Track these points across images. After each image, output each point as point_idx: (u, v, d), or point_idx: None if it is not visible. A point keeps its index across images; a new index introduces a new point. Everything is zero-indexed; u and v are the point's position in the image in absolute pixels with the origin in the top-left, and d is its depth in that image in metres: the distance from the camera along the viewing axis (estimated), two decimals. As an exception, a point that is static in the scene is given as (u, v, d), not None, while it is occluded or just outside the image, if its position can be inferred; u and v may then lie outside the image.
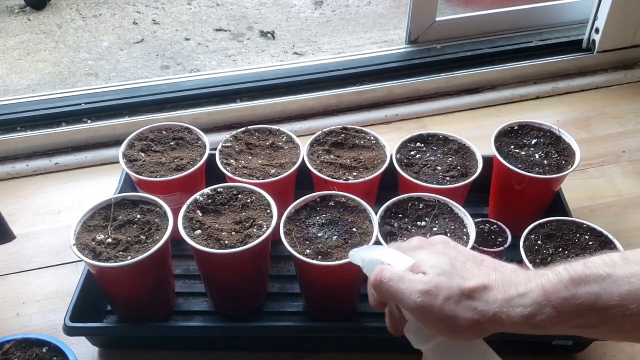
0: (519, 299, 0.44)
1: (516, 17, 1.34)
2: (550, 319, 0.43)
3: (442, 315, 0.45)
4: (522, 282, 0.45)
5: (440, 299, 0.46)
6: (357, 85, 1.23)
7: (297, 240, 0.73)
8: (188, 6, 2.40)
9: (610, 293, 0.42)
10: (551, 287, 0.44)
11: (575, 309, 0.43)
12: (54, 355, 0.68)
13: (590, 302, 0.42)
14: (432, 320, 0.46)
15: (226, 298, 0.80)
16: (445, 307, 0.45)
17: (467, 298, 0.45)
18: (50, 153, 1.12)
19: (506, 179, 0.87)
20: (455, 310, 0.45)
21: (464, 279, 0.47)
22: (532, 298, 0.44)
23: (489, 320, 0.44)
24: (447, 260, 0.49)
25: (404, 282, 0.48)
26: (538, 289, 0.44)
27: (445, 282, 0.46)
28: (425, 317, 0.47)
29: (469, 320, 0.45)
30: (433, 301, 0.46)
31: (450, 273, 0.47)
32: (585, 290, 0.42)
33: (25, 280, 0.90)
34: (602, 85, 1.29)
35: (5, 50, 2.14)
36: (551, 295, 0.43)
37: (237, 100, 1.19)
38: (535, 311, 0.43)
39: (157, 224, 0.75)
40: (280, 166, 0.85)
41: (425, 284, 0.47)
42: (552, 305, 0.43)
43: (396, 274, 0.49)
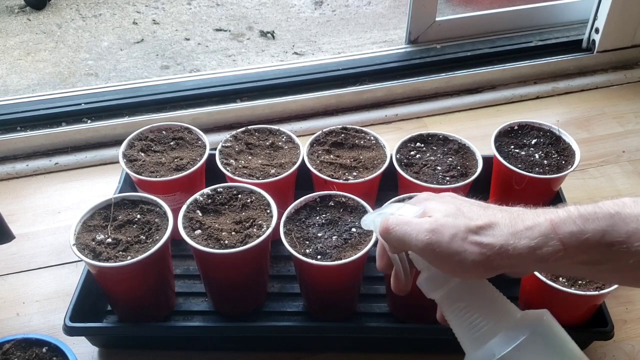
0: (526, 231, 0.44)
1: (516, 17, 1.34)
2: (556, 252, 0.43)
3: (450, 251, 0.45)
4: (530, 217, 0.45)
5: (447, 236, 0.46)
6: (357, 85, 1.23)
7: (297, 240, 0.73)
8: (188, 6, 2.40)
9: (617, 230, 0.42)
10: (559, 221, 0.44)
11: (581, 243, 0.43)
12: (54, 355, 0.68)
13: (597, 238, 0.42)
14: (440, 258, 0.46)
15: (226, 298, 0.80)
16: (453, 243, 0.45)
17: (473, 234, 0.45)
18: (50, 153, 1.12)
19: (506, 179, 0.87)
20: (462, 245, 0.45)
21: (470, 219, 0.47)
22: (539, 231, 0.44)
23: (496, 253, 0.44)
24: (453, 206, 0.49)
25: (410, 225, 0.48)
26: (546, 223, 0.44)
27: (451, 221, 0.47)
28: (433, 256, 0.47)
29: (477, 254, 0.45)
30: (440, 238, 0.46)
31: (456, 215, 0.47)
32: (592, 226, 0.43)
33: (25, 280, 0.90)
34: (602, 85, 1.29)
35: (5, 50, 2.14)
36: (559, 229, 0.43)
37: (237, 100, 1.19)
38: (542, 243, 0.43)
39: (157, 224, 0.75)
40: (280, 166, 0.85)
41: (431, 224, 0.47)
42: (559, 238, 0.43)
43: (402, 219, 0.49)
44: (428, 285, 0.51)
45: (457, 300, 0.49)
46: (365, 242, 0.72)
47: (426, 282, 0.51)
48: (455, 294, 0.49)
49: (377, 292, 0.84)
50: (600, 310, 0.76)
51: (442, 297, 0.50)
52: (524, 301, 0.78)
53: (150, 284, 0.76)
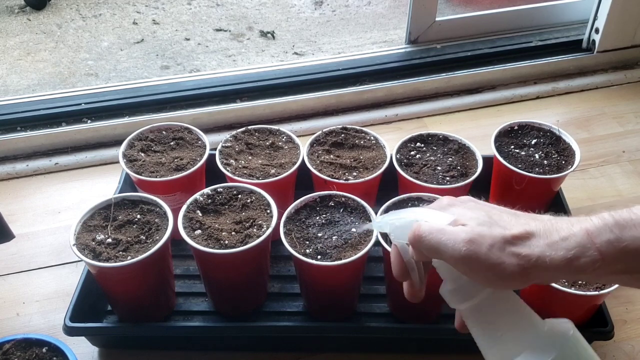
0: (562, 242, 0.44)
1: (516, 17, 1.34)
2: (593, 262, 0.42)
3: (488, 263, 0.44)
4: (565, 228, 0.44)
5: (486, 247, 0.45)
6: (357, 85, 1.23)
7: (297, 240, 0.73)
8: (188, 6, 2.40)
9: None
10: (596, 230, 0.43)
11: (619, 252, 0.42)
12: (54, 355, 0.68)
13: (636, 246, 0.42)
14: (478, 269, 0.45)
15: (226, 298, 0.80)
16: (491, 254, 0.44)
17: (510, 245, 0.45)
18: (50, 153, 1.12)
19: (506, 179, 0.87)
20: (501, 257, 0.44)
21: (505, 228, 0.46)
22: (576, 241, 0.43)
23: (533, 265, 0.44)
24: (483, 213, 0.48)
25: (446, 234, 0.46)
26: (582, 233, 0.43)
27: (487, 231, 0.46)
28: (470, 267, 0.45)
29: (515, 265, 0.44)
30: (478, 249, 0.45)
31: (490, 224, 0.46)
32: (630, 233, 0.42)
33: (25, 280, 0.90)
34: (602, 85, 1.29)
35: (5, 50, 2.13)
36: (595, 238, 0.43)
37: (237, 100, 1.19)
38: (579, 254, 0.43)
39: (157, 224, 0.75)
40: (280, 166, 0.85)
41: (468, 234, 0.46)
42: (596, 247, 0.42)
43: (435, 227, 0.48)
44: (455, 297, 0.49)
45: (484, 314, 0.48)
46: (365, 242, 0.72)
47: (453, 293, 0.49)
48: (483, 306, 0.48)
49: (377, 292, 0.84)
50: (600, 310, 0.76)
51: (467, 308, 0.49)
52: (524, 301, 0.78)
53: (150, 284, 0.76)
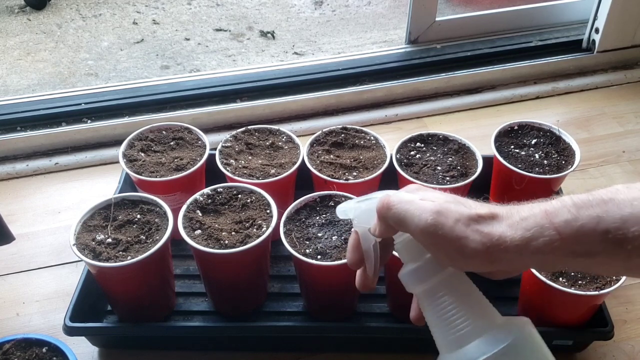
0: (522, 222, 0.44)
1: (516, 17, 1.34)
2: (551, 241, 0.43)
3: (452, 235, 0.45)
4: (526, 209, 0.45)
5: (452, 220, 0.45)
6: (357, 85, 1.23)
7: (297, 240, 0.73)
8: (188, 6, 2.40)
9: (612, 215, 0.41)
10: (554, 210, 0.43)
11: (576, 232, 0.42)
12: (54, 355, 0.68)
13: (592, 225, 0.42)
14: (441, 242, 0.45)
15: (226, 298, 0.80)
16: (457, 227, 0.45)
17: (475, 222, 0.45)
18: (50, 153, 1.12)
19: (506, 179, 0.87)
20: (465, 231, 0.44)
21: (471, 208, 0.46)
22: (535, 221, 0.44)
23: (494, 243, 0.44)
24: (450, 196, 0.49)
25: (414, 204, 0.47)
26: (541, 213, 0.44)
27: (454, 207, 0.46)
28: (434, 239, 0.46)
29: (478, 242, 0.44)
30: (445, 221, 0.45)
31: (457, 202, 0.47)
32: (587, 213, 0.42)
33: (25, 280, 0.90)
34: (602, 85, 1.29)
35: (5, 50, 2.13)
36: (553, 218, 0.43)
37: (237, 100, 1.19)
38: (538, 234, 0.43)
39: (157, 224, 0.75)
40: (280, 166, 0.85)
41: (436, 206, 0.46)
42: (554, 227, 0.43)
43: (405, 197, 0.48)
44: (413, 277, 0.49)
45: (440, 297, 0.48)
46: (365, 242, 0.72)
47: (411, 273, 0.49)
48: (440, 289, 0.48)
49: (377, 292, 0.84)
50: (600, 310, 0.76)
51: (425, 291, 0.48)
52: (524, 301, 0.78)
53: (150, 284, 0.76)
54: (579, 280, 0.72)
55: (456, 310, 0.47)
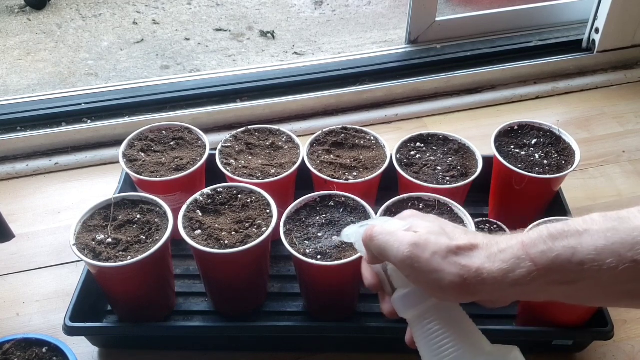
0: (499, 254, 0.45)
1: (516, 17, 1.34)
2: (529, 272, 0.43)
3: (428, 268, 0.46)
4: (504, 241, 0.46)
5: (428, 253, 0.46)
6: (357, 85, 1.23)
7: (297, 240, 0.73)
8: (188, 6, 2.40)
9: (587, 247, 0.42)
10: (530, 242, 0.44)
11: (552, 262, 0.43)
12: (54, 355, 0.68)
13: (567, 256, 0.42)
14: (418, 273, 0.46)
15: (226, 298, 0.80)
16: (433, 260, 0.46)
17: (453, 254, 0.46)
18: (50, 153, 1.12)
19: (506, 179, 0.87)
20: (441, 264, 0.45)
21: (452, 239, 0.47)
22: (512, 252, 0.44)
23: (472, 276, 0.45)
24: (437, 225, 0.50)
25: (394, 236, 0.48)
26: (518, 245, 0.44)
27: (434, 239, 0.47)
28: (411, 270, 0.47)
29: (454, 275, 0.45)
30: (421, 253, 0.46)
31: (439, 233, 0.48)
32: (562, 244, 0.43)
33: (25, 280, 0.90)
34: (602, 85, 1.29)
35: (5, 50, 2.13)
36: (530, 249, 0.44)
37: (237, 100, 1.19)
38: (515, 265, 0.44)
39: (157, 224, 0.75)
40: (280, 166, 0.85)
41: (414, 238, 0.47)
42: (531, 258, 0.43)
43: (387, 229, 0.50)
44: (402, 303, 0.50)
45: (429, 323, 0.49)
46: (365, 242, 0.72)
47: (401, 299, 0.50)
48: (429, 315, 0.49)
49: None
50: (600, 310, 0.76)
51: (414, 316, 0.50)
52: (524, 302, 0.78)
53: (150, 284, 0.76)
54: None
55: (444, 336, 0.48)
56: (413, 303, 0.49)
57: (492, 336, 0.79)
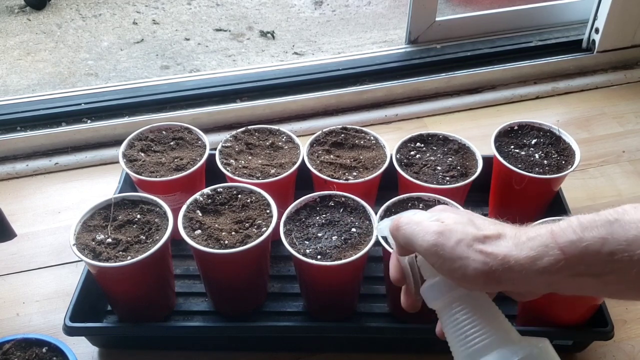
0: (528, 242, 0.44)
1: (516, 17, 1.34)
2: (557, 261, 0.43)
3: (454, 255, 0.45)
4: (533, 230, 0.46)
5: (453, 241, 0.46)
6: (357, 85, 1.23)
7: (297, 240, 0.73)
8: (188, 6, 2.40)
9: (617, 237, 0.41)
10: (560, 231, 0.44)
11: (581, 252, 0.42)
12: (54, 355, 0.68)
13: (597, 247, 0.42)
14: (443, 261, 0.46)
15: (226, 298, 0.80)
16: (458, 248, 0.45)
17: (479, 242, 0.45)
18: (50, 153, 1.12)
19: (506, 179, 0.87)
20: (466, 252, 0.45)
21: (479, 229, 0.47)
22: (540, 241, 0.44)
23: (498, 264, 0.44)
24: (466, 217, 0.49)
25: (420, 225, 0.48)
26: (547, 233, 0.44)
27: (460, 228, 0.47)
28: (437, 258, 0.47)
29: (480, 262, 0.44)
30: (446, 241, 0.46)
31: (466, 224, 0.48)
32: (592, 234, 0.42)
33: (25, 280, 0.90)
34: (602, 85, 1.28)
35: (5, 50, 2.13)
36: (559, 238, 0.43)
37: (237, 100, 1.19)
38: (542, 253, 0.43)
39: (157, 224, 0.75)
40: (280, 166, 0.85)
41: (439, 226, 0.47)
42: (559, 247, 0.43)
43: (413, 218, 0.50)
44: (430, 292, 0.50)
45: (457, 312, 0.48)
46: (365, 243, 0.72)
47: (429, 289, 0.50)
48: (457, 305, 0.49)
49: (377, 292, 0.84)
50: (600, 310, 0.76)
51: (442, 306, 0.49)
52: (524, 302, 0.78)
53: (150, 284, 0.76)
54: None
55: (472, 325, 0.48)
56: (441, 292, 0.49)
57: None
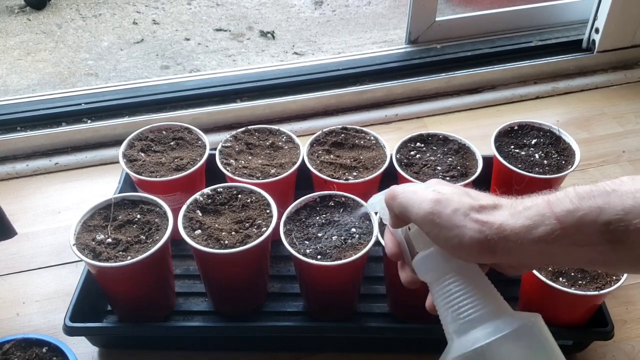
0: (524, 211, 0.44)
1: (516, 17, 1.34)
2: (552, 230, 0.43)
3: (450, 224, 0.45)
4: (530, 200, 0.46)
5: (451, 209, 0.45)
6: (357, 85, 1.23)
7: (297, 240, 0.73)
8: (188, 6, 2.40)
9: (614, 207, 0.41)
10: (556, 200, 0.44)
11: (577, 221, 0.42)
12: (54, 355, 0.68)
13: (593, 216, 0.42)
14: (439, 230, 0.46)
15: (226, 298, 0.80)
16: (454, 216, 0.45)
17: (475, 212, 0.45)
18: (50, 153, 1.12)
19: (506, 179, 0.87)
20: (463, 220, 0.45)
21: (475, 199, 0.47)
22: (537, 210, 0.44)
23: (493, 232, 0.44)
24: (461, 189, 0.49)
25: (416, 194, 0.48)
26: (543, 203, 0.44)
27: (457, 197, 0.47)
28: (432, 226, 0.46)
29: (475, 231, 0.44)
30: (442, 209, 0.46)
31: (463, 194, 0.48)
32: (588, 203, 0.42)
33: (25, 280, 0.90)
34: (602, 85, 1.29)
35: (5, 50, 2.13)
36: (555, 208, 0.43)
37: (237, 100, 1.19)
38: (538, 222, 0.43)
39: (157, 224, 0.75)
40: (280, 166, 0.85)
41: (435, 195, 0.47)
42: (555, 216, 0.43)
43: (409, 188, 0.49)
44: (423, 264, 0.49)
45: (450, 284, 0.48)
46: (365, 243, 0.72)
47: (422, 260, 0.49)
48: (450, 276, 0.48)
49: (377, 292, 0.84)
50: (600, 310, 0.76)
51: (434, 278, 0.49)
52: (524, 301, 0.78)
53: (150, 284, 0.76)
54: (579, 280, 0.72)
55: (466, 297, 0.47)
56: (434, 264, 0.49)
57: (492, 336, 0.79)
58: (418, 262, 0.50)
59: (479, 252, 0.45)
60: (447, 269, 0.48)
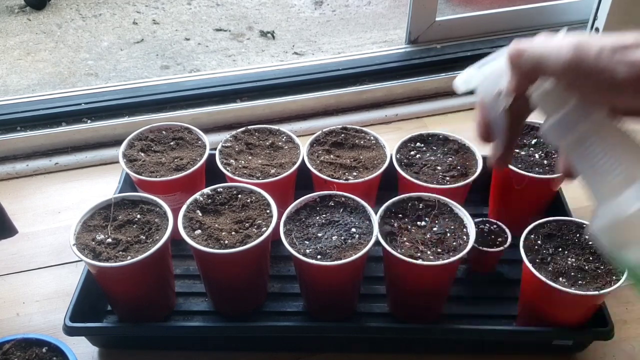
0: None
1: (516, 17, 1.34)
2: None
3: (598, 67, 0.41)
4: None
5: (594, 52, 0.41)
6: (357, 85, 1.23)
7: (297, 240, 0.73)
8: (188, 6, 2.40)
9: None
10: None
11: None
12: (54, 355, 0.68)
13: None
14: (585, 77, 0.42)
15: (226, 298, 0.80)
16: (600, 59, 0.41)
17: (622, 49, 0.41)
18: (50, 153, 1.12)
19: (506, 179, 0.87)
20: (611, 60, 0.41)
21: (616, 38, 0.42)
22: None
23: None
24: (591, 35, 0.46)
25: (550, 43, 0.43)
26: None
27: (597, 39, 0.42)
28: (576, 75, 0.42)
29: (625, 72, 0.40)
30: (586, 54, 0.41)
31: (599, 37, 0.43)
32: None
33: (25, 280, 0.90)
34: (602, 85, 1.28)
35: (5, 50, 2.14)
36: None
37: (237, 100, 1.19)
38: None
39: (157, 224, 0.75)
40: (280, 166, 0.85)
41: (574, 40, 0.42)
42: None
43: (537, 39, 0.45)
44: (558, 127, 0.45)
45: (591, 144, 0.44)
46: (365, 243, 0.72)
47: (556, 124, 0.45)
48: (589, 136, 0.44)
49: (377, 292, 0.84)
50: (600, 310, 0.76)
51: (573, 140, 0.45)
52: (524, 301, 0.78)
53: (150, 284, 0.76)
54: (579, 280, 0.72)
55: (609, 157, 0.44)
56: (571, 125, 0.44)
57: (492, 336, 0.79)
58: (552, 126, 0.45)
59: (633, 92, 0.41)
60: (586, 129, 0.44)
